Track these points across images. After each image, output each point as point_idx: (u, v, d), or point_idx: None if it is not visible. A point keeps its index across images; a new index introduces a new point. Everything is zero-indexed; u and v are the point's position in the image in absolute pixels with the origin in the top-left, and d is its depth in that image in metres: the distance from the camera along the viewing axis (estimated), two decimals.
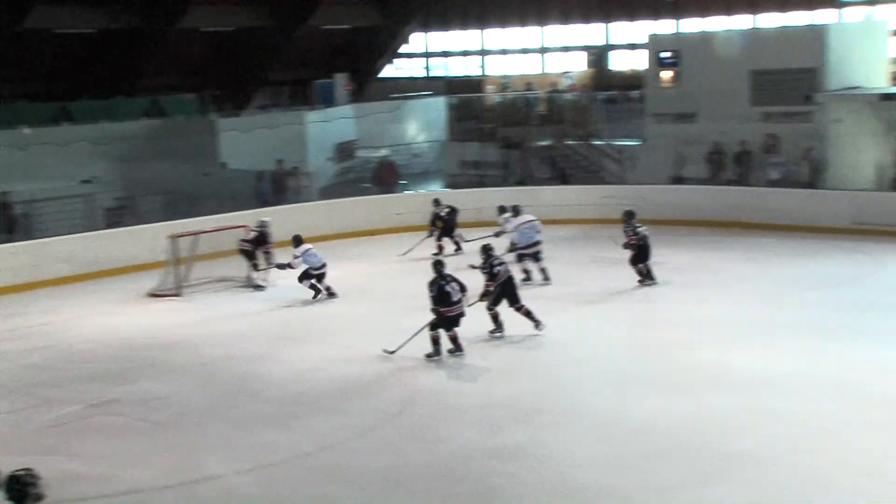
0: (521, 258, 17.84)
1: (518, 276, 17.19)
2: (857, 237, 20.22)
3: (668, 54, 25.87)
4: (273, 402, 12.02)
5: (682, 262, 18.99)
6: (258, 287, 18.11)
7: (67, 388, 12.82)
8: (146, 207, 23.83)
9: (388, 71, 49.76)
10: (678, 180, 24.09)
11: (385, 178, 27.27)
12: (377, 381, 12.70)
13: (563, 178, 25.91)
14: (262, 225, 18.66)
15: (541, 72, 44.56)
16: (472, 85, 40.29)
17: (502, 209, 19.68)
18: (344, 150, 32.11)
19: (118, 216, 23.42)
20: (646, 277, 17.20)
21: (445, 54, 49.33)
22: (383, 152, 29.94)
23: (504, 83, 41.48)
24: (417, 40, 49.53)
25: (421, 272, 14.48)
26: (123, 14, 36.92)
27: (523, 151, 27.53)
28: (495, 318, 14.35)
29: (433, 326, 13.30)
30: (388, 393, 12.27)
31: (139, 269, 19.43)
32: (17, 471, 6.56)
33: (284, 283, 18.05)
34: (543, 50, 45.91)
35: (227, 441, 10.86)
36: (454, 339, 13.42)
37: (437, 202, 21.10)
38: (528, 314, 14.31)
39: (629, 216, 17.42)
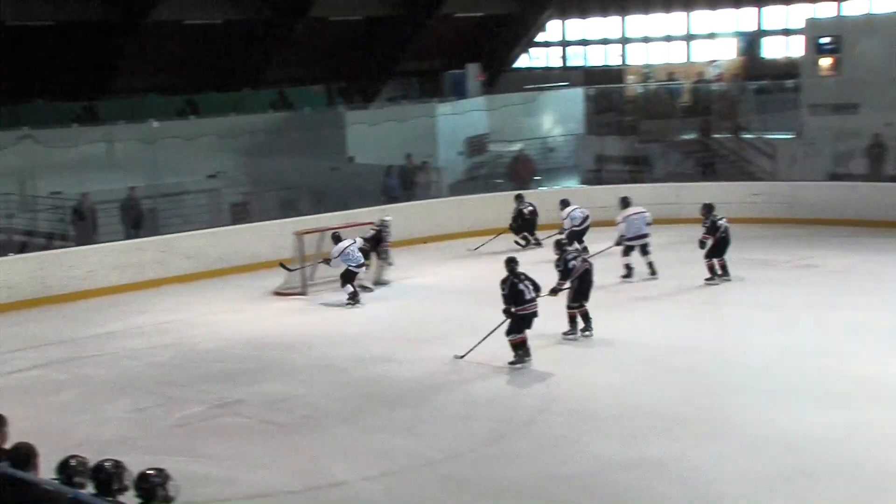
0: (627, 251, 17.79)
1: (620, 271, 17.53)
2: None
3: (827, 40, 25.30)
4: (398, 407, 12.15)
5: (839, 265, 18.54)
6: (365, 289, 18.14)
7: (192, 387, 13.22)
8: (272, 203, 24.36)
9: (522, 61, 49.78)
10: (836, 177, 23.46)
11: (520, 173, 27.29)
12: (504, 387, 12.76)
13: (708, 175, 25.50)
14: (383, 224, 18.84)
15: (686, 60, 43.85)
16: (611, 75, 39.93)
17: (564, 203, 19.62)
18: (475, 145, 32.26)
19: (244, 212, 23.96)
20: (715, 274, 17.12)
21: (584, 42, 49.01)
22: (518, 146, 29.97)
23: (646, 73, 40.91)
24: (554, 28, 49.36)
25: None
26: (250, 4, 37.83)
27: (666, 146, 27.21)
28: (573, 318, 14.33)
29: (508, 332, 13.25)
30: (518, 400, 12.29)
31: (264, 266, 19.85)
32: (148, 469, 6.80)
33: (403, 283, 18.57)
34: (689, 37, 45.19)
35: (353, 445, 11.02)
36: (523, 343, 13.30)
37: (520, 198, 21.23)
38: (585, 315, 14.30)
39: (708, 210, 17.24)
